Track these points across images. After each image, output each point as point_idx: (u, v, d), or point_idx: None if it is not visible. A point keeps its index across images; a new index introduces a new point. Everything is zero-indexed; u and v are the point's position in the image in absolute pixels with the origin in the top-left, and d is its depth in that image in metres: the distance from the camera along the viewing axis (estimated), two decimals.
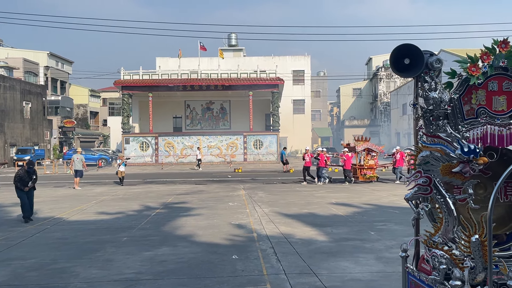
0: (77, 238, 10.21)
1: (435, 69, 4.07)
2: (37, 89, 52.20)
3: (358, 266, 7.62)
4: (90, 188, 22.05)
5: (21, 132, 47.70)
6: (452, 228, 3.87)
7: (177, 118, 50.90)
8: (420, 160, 3.94)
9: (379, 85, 63.50)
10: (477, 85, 4.03)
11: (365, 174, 23.25)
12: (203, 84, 43.84)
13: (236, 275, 7.15)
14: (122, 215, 13.36)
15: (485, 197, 4.10)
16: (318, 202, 15.56)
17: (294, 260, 8.04)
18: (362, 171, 23.29)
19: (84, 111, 70.51)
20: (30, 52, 62.81)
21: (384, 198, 16.38)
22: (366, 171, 23.27)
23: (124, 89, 43.84)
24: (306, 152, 24.37)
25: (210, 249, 8.93)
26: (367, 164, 23.31)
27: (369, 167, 23.31)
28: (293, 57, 55.70)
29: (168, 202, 16.16)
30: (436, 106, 3.98)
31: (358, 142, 23.62)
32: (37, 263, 8.05)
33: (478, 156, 3.65)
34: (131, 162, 41.31)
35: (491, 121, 4.05)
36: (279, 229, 10.88)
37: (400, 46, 4.11)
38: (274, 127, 44.49)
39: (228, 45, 60.92)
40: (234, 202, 16.01)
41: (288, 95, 52.00)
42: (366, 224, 11.40)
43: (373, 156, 23.47)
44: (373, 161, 23.48)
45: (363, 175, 23.22)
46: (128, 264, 7.88)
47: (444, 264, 3.75)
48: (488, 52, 4.05)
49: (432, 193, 3.89)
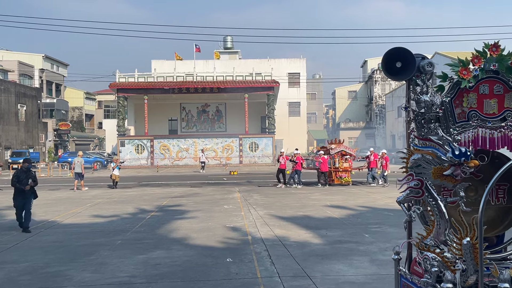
0: (71, 241, 10.17)
1: (427, 72, 4.08)
2: (32, 91, 52.07)
3: (352, 269, 7.63)
4: (85, 191, 21.98)
5: (16, 135, 47.55)
6: (444, 230, 3.88)
7: (173, 121, 50.86)
8: (412, 163, 3.95)
9: (374, 88, 63.68)
10: (468, 88, 4.05)
11: (340, 177, 23.02)
12: (199, 87, 43.85)
13: (230, 278, 7.15)
14: (117, 218, 13.33)
15: (476, 200, 4.12)
16: (314, 205, 15.57)
17: (288, 263, 8.04)
18: (337, 173, 23.06)
19: (79, 113, 70.40)
20: (25, 54, 62.65)
21: (379, 201, 16.42)
22: (341, 174, 23.04)
23: (119, 91, 43.77)
24: (281, 154, 23.52)
25: (204, 252, 8.92)
26: (342, 166, 23.07)
27: (344, 170, 23.07)
28: (289, 60, 55.81)
29: (163, 205, 16.13)
30: (427, 109, 3.99)
31: (332, 144, 23.38)
32: (30, 267, 8.01)
33: (469, 159, 3.67)
34: (126, 165, 41.26)
35: (482, 124, 4.08)
36: (274, 231, 10.87)
37: (392, 49, 4.13)
38: (270, 130, 44.51)
39: (223, 48, 60.98)
40: (229, 204, 16.00)
41: (283, 98, 52.06)
42: (361, 227, 11.42)
43: (347, 159, 23.20)
44: (347, 164, 23.23)
45: (338, 178, 23.01)
46: (121, 268, 7.85)
47: (435, 266, 3.76)
48: (479, 56, 4.07)
49: (424, 196, 3.90)
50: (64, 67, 71.81)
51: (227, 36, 60.76)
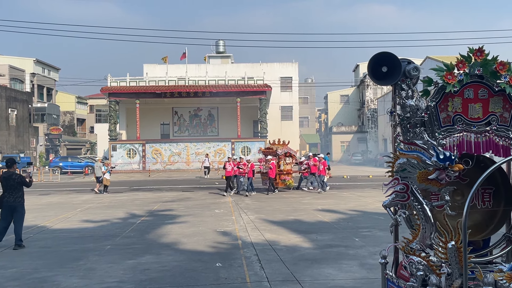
0: (60, 246, 10.09)
1: (413, 77, 4.11)
2: (23, 96, 51.79)
3: (342, 273, 7.63)
4: (75, 195, 21.86)
5: (7, 140, 47.23)
6: (429, 234, 3.90)
7: (165, 125, 50.75)
8: (397, 167, 3.97)
9: (366, 92, 63.91)
10: (453, 92, 4.08)
11: (284, 179, 22.12)
12: (191, 91, 43.81)
13: (219, 283, 7.12)
14: (107, 223, 13.25)
15: (462, 204, 4.14)
16: (305, 209, 15.57)
17: (278, 267, 8.03)
18: (281, 176, 22.10)
19: (70, 118, 70.06)
20: (16, 58, 62.29)
21: (370, 205, 16.44)
22: (285, 177, 22.17)
23: (111, 96, 43.64)
24: (229, 160, 21.94)
25: (194, 257, 8.88)
26: (285, 169, 22.08)
27: (287, 172, 22.17)
28: (281, 64, 55.84)
29: (154, 209, 16.07)
30: (413, 113, 4.02)
31: (276, 146, 22.28)
32: (17, 272, 7.94)
33: (453, 163, 3.69)
34: (118, 169, 41.07)
35: (467, 129, 4.10)
36: (264, 236, 10.86)
37: (378, 54, 4.14)
38: (262, 134, 44.52)
39: (216, 52, 60.93)
40: (220, 209, 15.96)
41: (276, 102, 52.08)
42: (351, 231, 11.43)
43: (288, 162, 22.25)
44: (289, 166, 22.28)
45: (282, 181, 22.09)
46: (110, 273, 7.80)
47: (421, 270, 3.78)
48: (463, 60, 4.11)
49: (410, 200, 3.92)
50: (56, 71, 71.49)
51: (219, 40, 60.72)
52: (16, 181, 10.10)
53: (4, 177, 10.21)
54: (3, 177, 10.22)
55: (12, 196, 10.05)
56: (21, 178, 10.27)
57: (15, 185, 10.07)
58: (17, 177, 10.19)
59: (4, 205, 10.04)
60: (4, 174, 10.38)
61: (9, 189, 10.06)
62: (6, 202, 10.02)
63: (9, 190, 10.06)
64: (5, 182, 10.10)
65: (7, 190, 10.07)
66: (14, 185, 10.05)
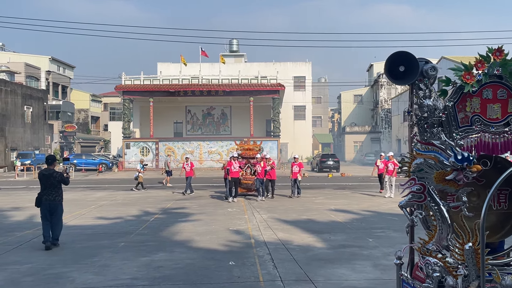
0: (74, 243, 10.18)
1: (430, 76, 4.07)
2: (38, 93, 52.33)
3: (355, 273, 7.59)
4: (90, 192, 22.04)
5: (22, 137, 47.76)
6: (446, 235, 3.86)
7: (178, 124, 50.97)
8: (414, 168, 3.94)
9: (380, 92, 63.56)
10: (471, 93, 4.03)
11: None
12: (204, 90, 43.93)
13: (232, 282, 7.13)
14: (121, 220, 13.34)
15: (478, 205, 4.09)
16: (317, 209, 15.52)
17: (291, 266, 8.01)
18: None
19: (85, 115, 70.67)
20: (32, 56, 63.00)
21: (384, 205, 16.35)
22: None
23: (125, 94, 43.93)
24: (186, 160, 21.59)
25: (207, 255, 8.90)
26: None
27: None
28: (294, 63, 55.80)
29: (167, 207, 16.14)
30: (430, 113, 3.98)
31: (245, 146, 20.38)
32: (33, 268, 8.03)
33: (471, 164, 3.65)
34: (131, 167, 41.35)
35: (485, 129, 4.05)
36: (277, 235, 10.85)
37: (395, 53, 4.11)
38: (275, 133, 44.50)
39: (229, 51, 61.06)
40: (233, 208, 15.99)
41: (289, 101, 52.06)
42: (365, 231, 11.37)
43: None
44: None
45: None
46: (124, 270, 7.86)
47: (437, 272, 3.74)
48: (482, 60, 4.06)
49: (426, 201, 3.89)
50: (71, 69, 72.16)
51: (233, 39, 60.85)
52: (57, 179, 9.71)
53: (44, 175, 9.76)
54: (43, 175, 9.77)
55: (52, 194, 9.68)
56: (62, 176, 9.81)
57: (55, 183, 9.69)
58: (58, 175, 9.75)
59: (44, 203, 9.66)
60: (44, 171, 9.88)
61: (49, 187, 9.67)
62: (46, 201, 9.65)
63: (48, 188, 9.67)
64: (45, 180, 9.69)
65: (47, 188, 9.68)
66: (54, 183, 9.67)
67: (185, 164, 21.37)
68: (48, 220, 9.69)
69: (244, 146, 20.39)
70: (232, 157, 18.71)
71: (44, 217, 9.70)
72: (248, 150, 20.05)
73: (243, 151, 19.99)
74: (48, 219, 9.69)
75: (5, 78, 49.25)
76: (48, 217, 9.69)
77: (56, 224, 9.79)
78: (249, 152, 19.87)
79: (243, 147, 20.27)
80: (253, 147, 20.30)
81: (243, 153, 19.84)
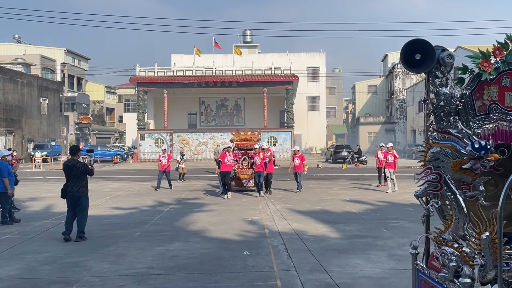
0: (91, 232, 10.28)
1: (447, 64, 4.01)
2: (54, 85, 52.82)
3: (370, 263, 7.57)
4: (105, 183, 22.25)
5: (38, 128, 48.32)
6: (463, 225, 3.82)
7: (192, 115, 51.11)
8: (431, 157, 3.89)
9: (395, 82, 62.97)
10: (489, 80, 3.96)
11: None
12: (218, 81, 43.94)
13: (247, 271, 7.16)
14: (136, 211, 13.46)
15: (496, 194, 4.03)
16: (331, 199, 15.50)
17: (305, 256, 8.02)
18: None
19: (100, 107, 71.19)
20: (47, 49, 63.55)
21: (398, 196, 16.27)
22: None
23: (139, 85, 44.14)
24: (163, 152, 19.61)
25: (221, 245, 8.95)
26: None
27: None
28: (308, 54, 55.47)
29: (182, 198, 16.24)
30: (447, 102, 3.92)
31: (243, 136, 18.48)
32: (50, 257, 8.14)
33: (489, 152, 3.60)
34: (146, 158, 41.65)
35: (503, 117, 3.98)
36: (291, 225, 10.86)
37: (411, 41, 4.05)
38: (289, 124, 44.42)
39: (243, 42, 60.88)
40: (247, 198, 16.03)
41: (302, 92, 51.85)
42: (379, 222, 11.33)
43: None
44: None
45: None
46: (139, 259, 7.93)
47: (453, 261, 3.71)
48: (500, 48, 3.98)
49: (442, 190, 3.84)
50: (86, 61, 72.66)
51: (246, 30, 60.62)
52: (80, 170, 9.60)
53: (67, 165, 9.69)
54: (67, 165, 9.72)
55: (76, 185, 9.61)
56: (85, 166, 9.72)
57: (79, 174, 9.59)
58: (81, 166, 9.63)
59: (69, 195, 9.64)
60: (67, 162, 9.84)
61: (73, 178, 9.60)
62: (70, 192, 9.61)
63: (72, 179, 9.61)
64: (69, 171, 9.62)
65: (71, 179, 9.62)
66: (77, 174, 9.57)
67: (162, 156, 19.37)
68: (72, 211, 9.70)
69: (241, 136, 18.37)
70: (226, 147, 16.98)
71: (70, 208, 9.73)
72: (245, 141, 18.23)
73: (239, 142, 18.21)
74: (72, 211, 9.71)
75: (21, 70, 49.75)
76: (72, 209, 9.71)
77: (81, 216, 9.68)
78: (246, 143, 18.15)
79: (239, 137, 18.34)
80: (251, 137, 18.31)
81: (239, 144, 18.16)
